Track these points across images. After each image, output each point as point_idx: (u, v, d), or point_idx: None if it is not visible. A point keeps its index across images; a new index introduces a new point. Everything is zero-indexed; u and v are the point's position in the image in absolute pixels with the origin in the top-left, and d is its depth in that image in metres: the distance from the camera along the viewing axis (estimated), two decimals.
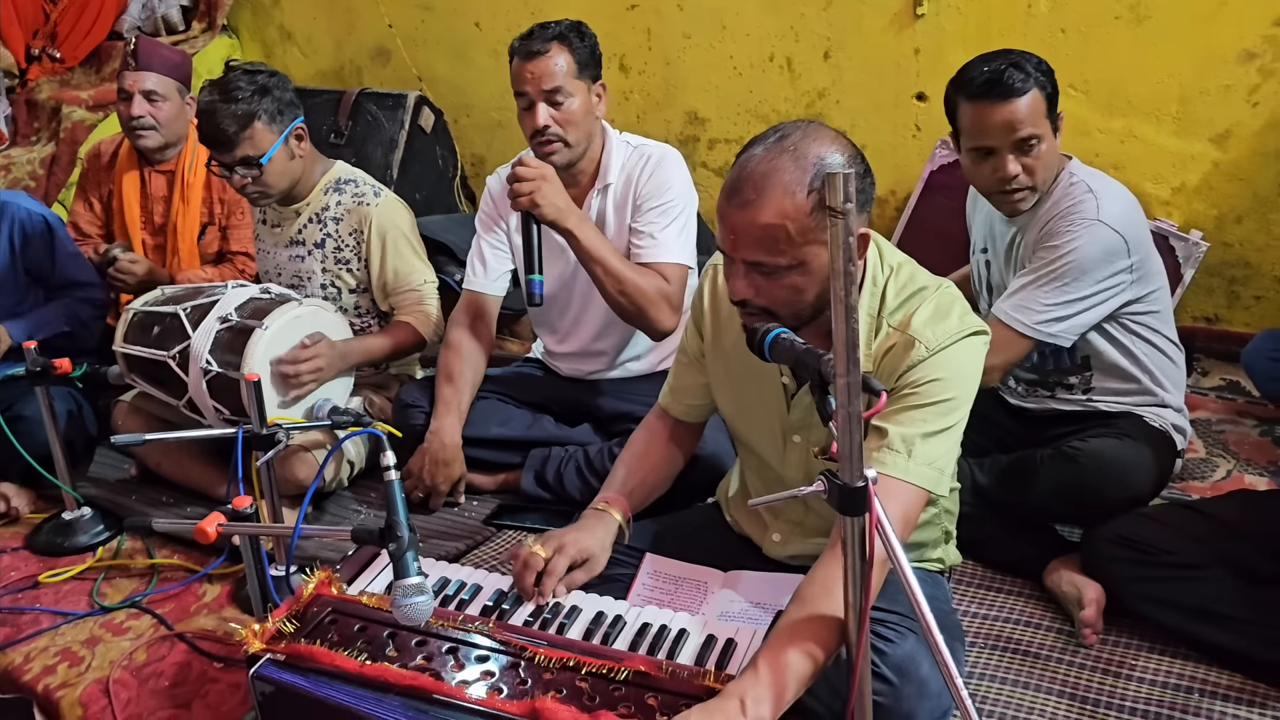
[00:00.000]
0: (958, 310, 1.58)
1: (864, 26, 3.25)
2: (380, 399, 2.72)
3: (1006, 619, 2.01)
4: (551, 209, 2.25)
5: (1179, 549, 1.89)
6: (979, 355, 1.58)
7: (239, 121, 2.44)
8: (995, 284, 2.32)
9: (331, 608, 1.59)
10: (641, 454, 1.93)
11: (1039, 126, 2.03)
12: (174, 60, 3.10)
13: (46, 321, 2.78)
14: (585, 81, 2.36)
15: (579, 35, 2.36)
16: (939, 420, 1.52)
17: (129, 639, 2.16)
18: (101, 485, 2.74)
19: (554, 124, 2.32)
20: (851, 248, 1.13)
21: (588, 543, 1.72)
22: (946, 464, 1.54)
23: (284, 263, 2.73)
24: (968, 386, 1.56)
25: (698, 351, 1.87)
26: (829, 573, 1.40)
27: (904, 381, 1.54)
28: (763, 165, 1.46)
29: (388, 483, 1.51)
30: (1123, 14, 2.88)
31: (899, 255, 1.66)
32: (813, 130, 1.49)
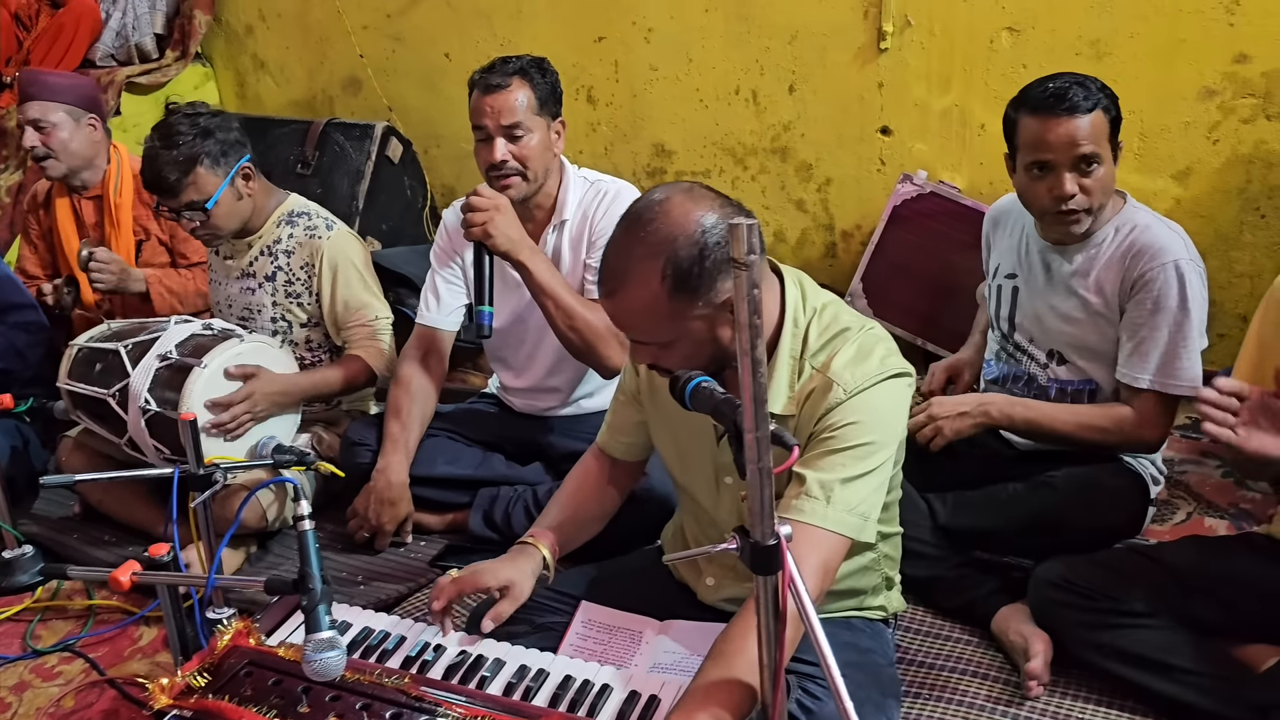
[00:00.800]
0: (879, 352, 1.55)
1: (828, 60, 3.24)
2: (330, 436, 2.68)
3: (953, 669, 1.96)
4: (504, 240, 2.22)
5: (1127, 596, 1.85)
6: (900, 397, 1.56)
7: (180, 168, 2.41)
8: (1025, 312, 2.24)
9: (248, 660, 1.54)
10: (573, 491, 1.90)
11: (1100, 147, 1.99)
12: (59, 85, 3.06)
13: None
14: (545, 118, 2.34)
15: (540, 71, 2.34)
16: (858, 465, 1.49)
17: (58, 684, 2.12)
18: (44, 523, 2.68)
19: (511, 159, 2.30)
20: (756, 300, 1.10)
21: (508, 570, 1.69)
22: (870, 509, 1.51)
23: (235, 295, 2.69)
24: (888, 429, 1.53)
25: (634, 389, 1.84)
26: (744, 627, 1.37)
27: (823, 425, 1.51)
28: (618, 255, 1.49)
29: (300, 533, 1.47)
30: (1083, 50, 2.87)
31: (824, 295, 1.63)
32: (670, 205, 1.45)
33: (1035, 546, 2.13)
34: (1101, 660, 1.85)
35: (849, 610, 1.75)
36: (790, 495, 1.48)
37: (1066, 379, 2.19)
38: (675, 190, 1.49)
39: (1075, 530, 2.08)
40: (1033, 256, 2.22)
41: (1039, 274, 2.20)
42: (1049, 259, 2.18)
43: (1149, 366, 2.04)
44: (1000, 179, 3.10)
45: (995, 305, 2.33)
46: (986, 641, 2.03)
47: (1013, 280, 2.27)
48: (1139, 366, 2.05)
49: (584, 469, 1.94)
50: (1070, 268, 2.14)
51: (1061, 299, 2.15)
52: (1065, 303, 2.14)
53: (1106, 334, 2.11)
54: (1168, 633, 1.82)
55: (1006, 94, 2.95)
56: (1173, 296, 2.02)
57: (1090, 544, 2.04)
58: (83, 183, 3.10)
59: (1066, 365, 2.19)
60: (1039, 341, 2.22)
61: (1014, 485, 2.16)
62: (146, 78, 4.50)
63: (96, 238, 3.11)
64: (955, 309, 3.06)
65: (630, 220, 1.48)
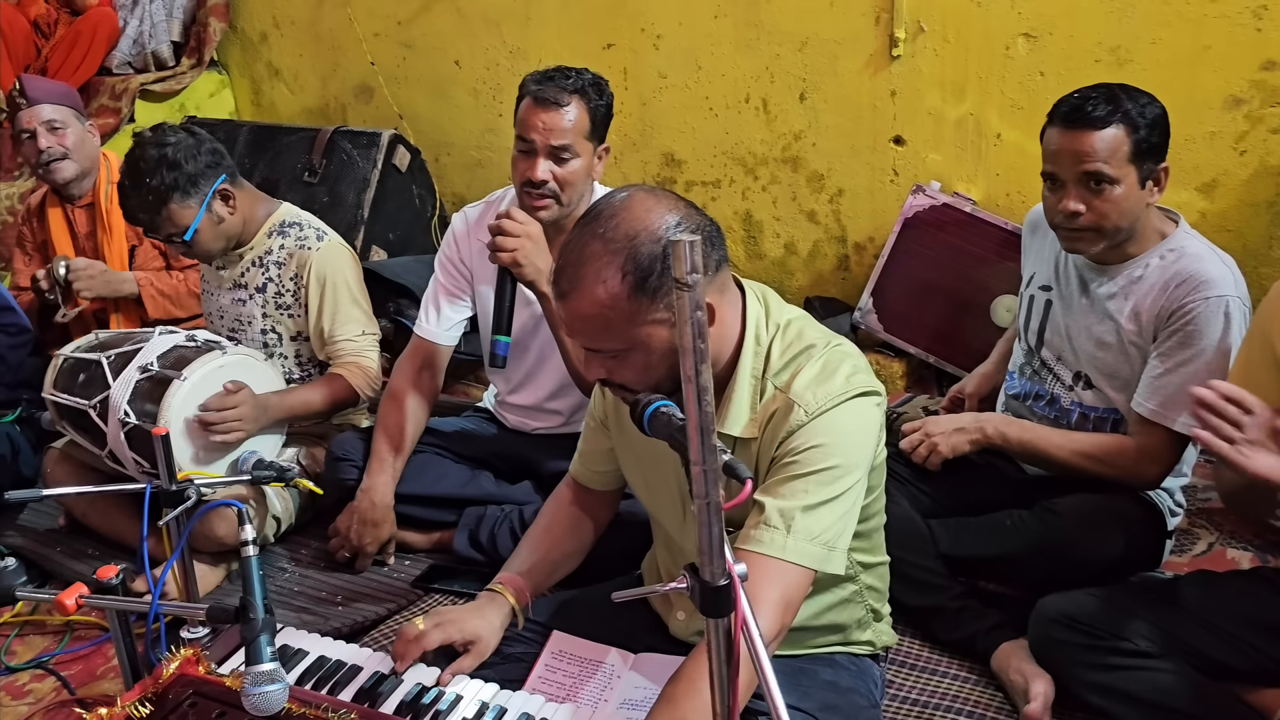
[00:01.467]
0: (845, 370, 1.45)
1: (839, 68, 3.15)
2: (318, 450, 2.61)
3: (948, 708, 1.86)
4: (532, 269, 2.12)
5: (1132, 634, 1.73)
6: (867, 418, 1.46)
7: (151, 208, 2.37)
8: (1056, 328, 2.13)
9: (192, 690, 1.47)
10: (546, 528, 1.81)
11: (1113, 167, 1.87)
12: (61, 90, 3.10)
13: None
14: (593, 142, 2.22)
15: (599, 92, 2.22)
16: (821, 490, 1.39)
17: (27, 703, 2.07)
18: (29, 535, 2.64)
19: (552, 180, 2.17)
20: (701, 321, 1.01)
21: (474, 624, 1.60)
22: (835, 537, 1.40)
23: (226, 306, 2.64)
24: (854, 452, 1.43)
25: (601, 414, 1.76)
26: (696, 669, 1.28)
27: (784, 449, 1.42)
28: (575, 253, 1.38)
29: (244, 559, 1.40)
30: (1103, 57, 2.76)
31: (789, 311, 1.54)
32: (632, 203, 1.38)
33: (1040, 577, 2.02)
34: (1103, 702, 1.74)
35: (833, 646, 1.66)
36: (749, 525, 1.40)
37: (1091, 405, 2.08)
38: (638, 189, 1.41)
39: (1083, 562, 1.96)
40: (1070, 271, 2.11)
41: (1075, 291, 2.09)
42: (1086, 277, 2.07)
43: (1164, 399, 1.92)
44: (1016, 189, 3.00)
45: (1025, 315, 2.22)
46: (985, 679, 1.93)
47: (1047, 293, 2.16)
48: (1155, 398, 1.93)
49: (556, 503, 1.85)
50: (1108, 289, 2.02)
51: (1096, 321, 2.04)
52: (1099, 326, 2.03)
53: (1137, 365, 2.00)
54: (1174, 675, 1.70)
55: (1023, 103, 2.90)
56: (1212, 334, 1.88)
57: (1100, 577, 1.93)
58: (79, 190, 3.08)
59: (1093, 390, 2.08)
60: (1067, 361, 2.11)
61: (1018, 512, 2.06)
62: (162, 85, 4.51)
63: (89, 247, 3.09)
64: (969, 325, 2.95)
65: (589, 218, 1.40)
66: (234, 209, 2.49)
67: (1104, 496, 2.01)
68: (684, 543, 1.64)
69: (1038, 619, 1.83)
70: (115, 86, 4.46)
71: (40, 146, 2.97)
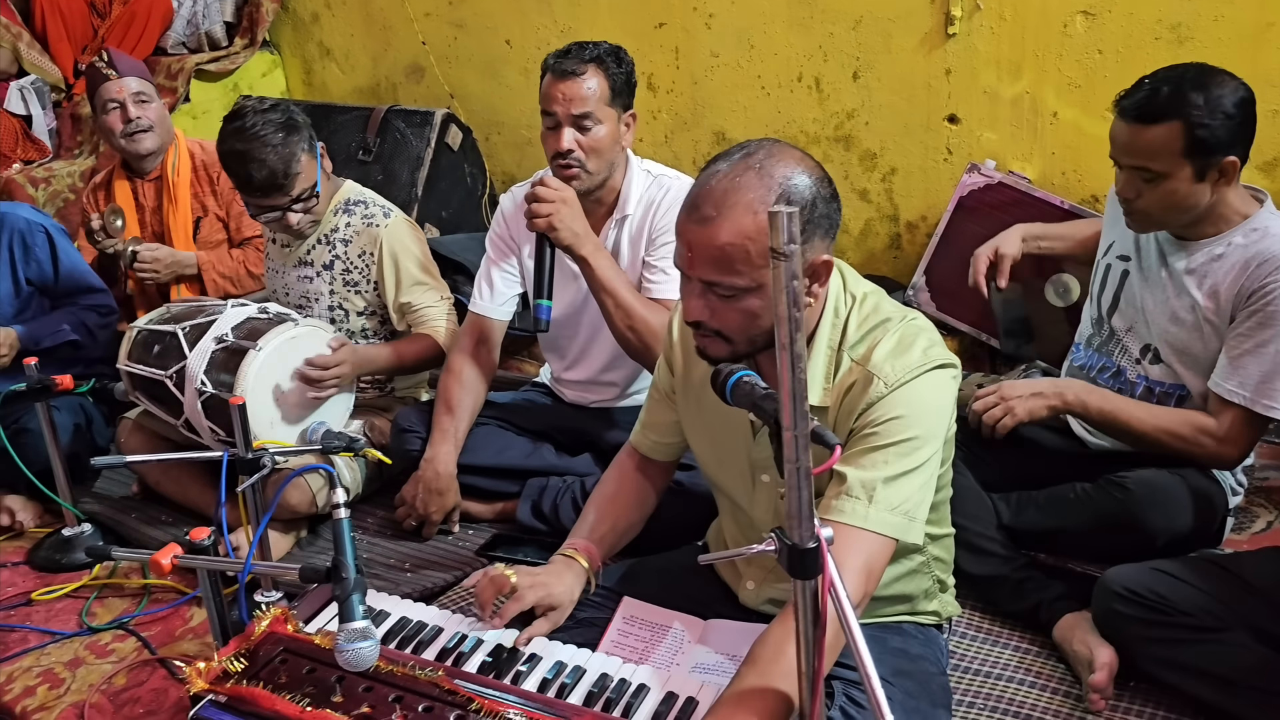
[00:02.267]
0: (921, 343, 1.48)
1: (893, 46, 3.15)
2: (382, 421, 2.68)
3: (1010, 679, 1.89)
4: (568, 233, 2.18)
5: (1199, 609, 1.75)
6: (945, 390, 1.49)
7: (285, 163, 2.41)
8: (1130, 299, 2.14)
9: (284, 647, 1.53)
10: (612, 495, 1.86)
11: (1160, 162, 1.88)
12: (142, 66, 3.21)
13: (53, 330, 2.79)
14: (616, 109, 2.27)
15: (616, 60, 2.27)
16: (901, 462, 1.42)
17: (111, 661, 2.14)
18: (104, 502, 2.73)
19: (578, 149, 2.24)
20: (796, 291, 1.05)
21: (557, 590, 1.65)
22: (915, 508, 1.44)
23: (292, 283, 2.70)
24: (932, 424, 1.46)
25: (669, 387, 1.79)
26: (781, 633, 1.31)
27: (864, 421, 1.45)
28: (725, 182, 1.39)
29: (335, 522, 1.46)
30: (1163, 35, 2.74)
31: (865, 284, 1.57)
32: (779, 149, 1.42)
33: (1102, 551, 2.05)
34: (1168, 675, 1.76)
35: (900, 615, 1.69)
36: (830, 495, 1.43)
37: (1157, 380, 2.09)
38: (777, 142, 1.44)
39: (1148, 537, 1.98)
40: (1150, 244, 2.12)
41: (1154, 264, 2.09)
42: (1166, 251, 2.07)
43: (1246, 381, 1.92)
44: (1073, 168, 2.99)
45: (1099, 285, 2.22)
46: (1047, 650, 1.95)
47: (1125, 263, 2.17)
48: (1234, 379, 1.93)
49: (619, 471, 1.89)
50: (1187, 264, 2.02)
51: (1173, 295, 2.04)
52: (1176, 300, 2.03)
53: (1211, 343, 2.00)
54: (1239, 649, 1.72)
55: (1080, 81, 2.89)
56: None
57: (1163, 552, 1.95)
58: (152, 164, 3.16)
59: (1160, 365, 2.08)
60: (1138, 333, 2.12)
61: (1082, 485, 2.08)
62: (215, 65, 4.58)
63: (155, 221, 3.16)
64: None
65: (742, 153, 1.42)
66: (329, 169, 2.58)
67: (1172, 472, 2.01)
68: (752, 512, 1.67)
69: (1102, 593, 1.85)
70: (170, 66, 4.54)
71: (130, 116, 3.05)
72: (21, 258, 2.80)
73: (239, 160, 2.42)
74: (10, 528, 2.67)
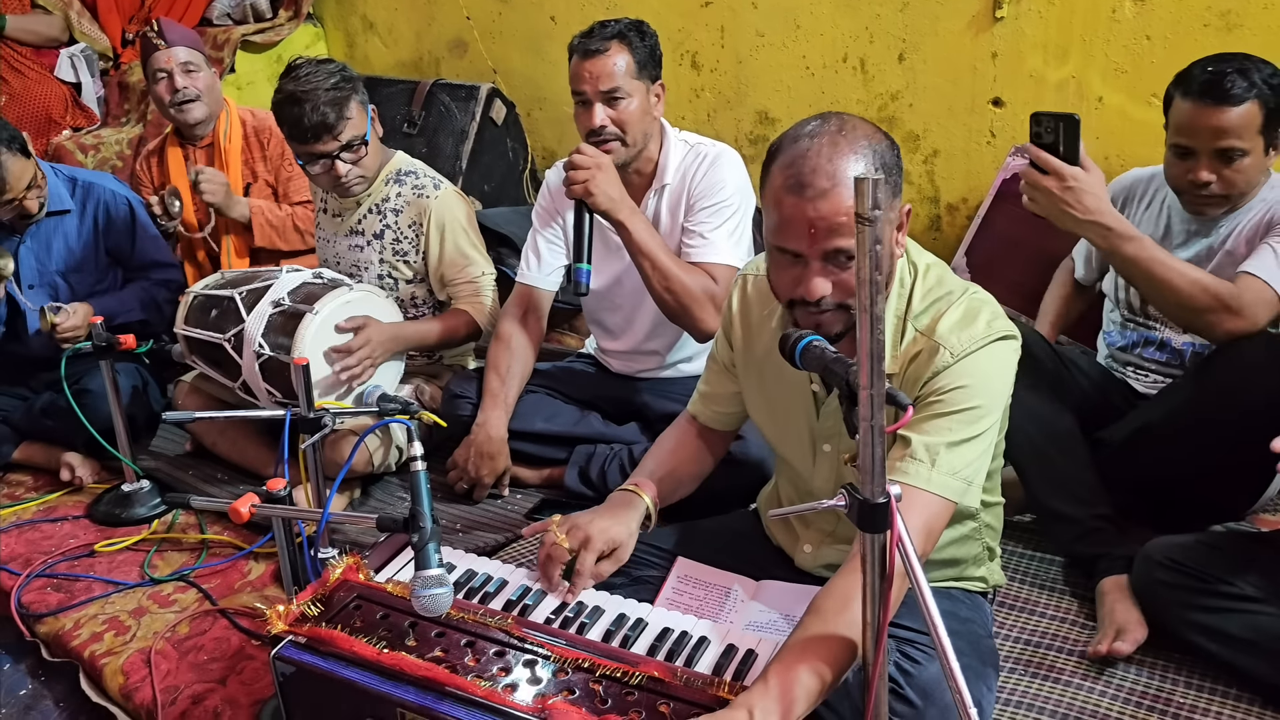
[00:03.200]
0: (985, 315, 1.52)
1: (940, 28, 3.17)
2: (432, 388, 2.74)
3: (1049, 646, 1.94)
4: (605, 199, 2.24)
5: (1238, 579, 1.79)
6: (1007, 360, 1.54)
7: (337, 106, 2.46)
8: None
9: (357, 594, 1.60)
10: (671, 449, 1.91)
11: (1246, 140, 1.99)
12: (194, 35, 3.27)
13: (126, 307, 2.87)
14: (644, 81, 2.34)
15: (639, 34, 2.34)
16: (965, 429, 1.47)
17: (174, 611, 2.22)
18: (161, 459, 2.81)
19: (610, 124, 2.31)
20: (879, 255, 1.09)
21: (615, 531, 1.71)
22: (975, 474, 1.49)
23: (343, 252, 2.76)
24: (995, 393, 1.51)
25: (728, 360, 1.84)
26: (847, 585, 1.36)
27: (929, 389, 1.50)
28: (825, 153, 1.42)
29: (413, 473, 1.52)
30: (1212, 21, 2.76)
31: (928, 256, 1.61)
32: (850, 118, 1.47)
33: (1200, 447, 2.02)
34: (1204, 641, 1.80)
35: (948, 580, 1.74)
36: (894, 457, 1.48)
37: (1205, 341, 2.12)
38: (839, 114, 1.48)
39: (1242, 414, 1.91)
40: (1174, 228, 2.20)
41: (1173, 249, 2.15)
42: (1192, 229, 2.17)
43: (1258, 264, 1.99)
44: (1116, 153, 3.01)
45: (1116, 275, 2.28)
46: (1084, 620, 1.99)
47: None
48: (1258, 262, 2.01)
49: (679, 430, 1.95)
50: (1220, 246, 2.12)
51: (1207, 267, 2.10)
52: (1209, 267, 2.10)
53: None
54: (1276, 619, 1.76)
55: (1127, 66, 2.91)
56: None
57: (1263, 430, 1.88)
58: (202, 132, 3.22)
59: None
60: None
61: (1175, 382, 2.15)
62: (260, 36, 4.63)
63: None
64: None
65: (820, 127, 1.45)
66: (380, 132, 2.63)
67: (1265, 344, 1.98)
68: (813, 482, 1.72)
69: (1143, 560, 1.90)
70: (217, 37, 4.59)
71: (176, 86, 3.10)
72: (105, 228, 2.88)
73: (293, 103, 2.46)
74: (70, 483, 2.75)
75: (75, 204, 2.86)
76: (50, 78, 4.52)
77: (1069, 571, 2.14)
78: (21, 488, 2.79)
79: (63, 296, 2.85)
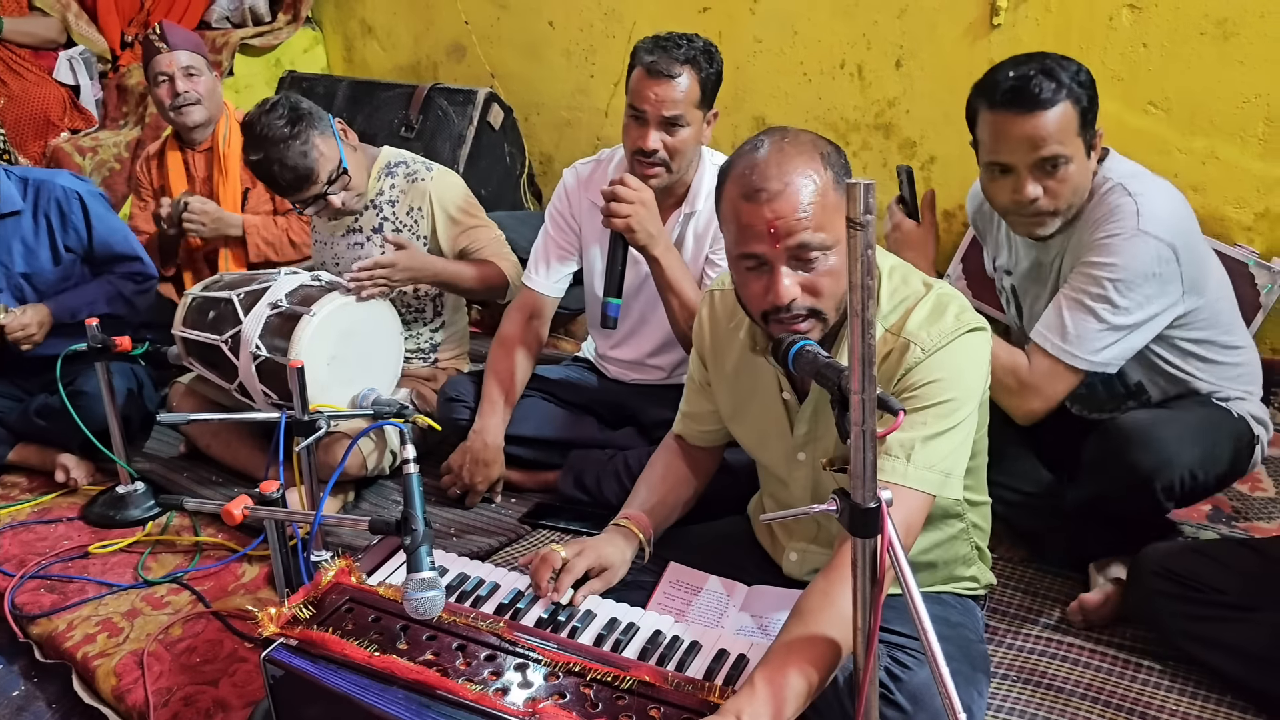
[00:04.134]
0: (953, 309, 1.54)
1: (938, 35, 3.18)
2: (427, 391, 2.74)
3: (1041, 652, 1.94)
4: (644, 235, 2.21)
5: (1231, 588, 1.80)
6: (979, 352, 1.55)
7: (303, 155, 2.45)
8: (1030, 312, 2.14)
9: (349, 597, 1.60)
10: (662, 475, 1.91)
11: (1067, 146, 1.82)
12: (196, 39, 3.27)
13: (88, 301, 2.82)
14: (703, 110, 2.27)
15: (709, 60, 2.25)
16: (939, 422, 1.49)
17: (167, 613, 2.22)
18: (156, 461, 2.81)
19: (663, 149, 2.24)
20: (870, 260, 1.10)
21: (608, 551, 1.70)
22: (953, 465, 1.50)
23: (342, 252, 2.76)
24: (968, 385, 1.52)
25: (703, 379, 1.85)
26: (829, 584, 1.37)
27: (902, 385, 1.51)
28: (773, 159, 1.46)
29: (406, 476, 1.52)
30: (1209, 29, 2.76)
31: (891, 258, 1.64)
32: (790, 130, 1.51)
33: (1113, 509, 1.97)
34: (1202, 652, 1.81)
35: (939, 585, 1.74)
36: None
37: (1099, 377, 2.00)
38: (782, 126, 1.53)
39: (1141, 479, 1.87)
40: (1019, 249, 2.09)
41: (1026, 269, 2.08)
42: (1034, 254, 2.05)
43: (1055, 327, 1.89)
44: None
45: (1008, 308, 2.22)
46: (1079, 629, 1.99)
47: (1010, 276, 2.16)
48: (1048, 324, 1.91)
49: (667, 453, 1.94)
50: (1061, 261, 1.99)
51: (1051, 292, 1.99)
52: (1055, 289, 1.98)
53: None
54: (1267, 627, 1.76)
55: (1124, 74, 2.91)
56: (1106, 264, 1.82)
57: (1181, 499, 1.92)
58: (202, 136, 3.22)
59: None
60: None
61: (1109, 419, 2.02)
62: (259, 40, 4.64)
63: (206, 191, 3.23)
64: None
65: (767, 141, 1.49)
66: (355, 142, 2.63)
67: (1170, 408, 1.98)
68: (791, 488, 1.73)
69: (1138, 571, 1.90)
70: (215, 40, 4.60)
71: (177, 90, 3.11)
72: (59, 226, 2.83)
73: (262, 167, 2.48)
74: (64, 484, 2.75)
75: (27, 204, 2.80)
76: (49, 80, 4.52)
77: (1064, 580, 2.14)
78: (16, 489, 2.79)
79: (29, 298, 2.81)
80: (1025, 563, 2.21)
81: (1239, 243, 2.84)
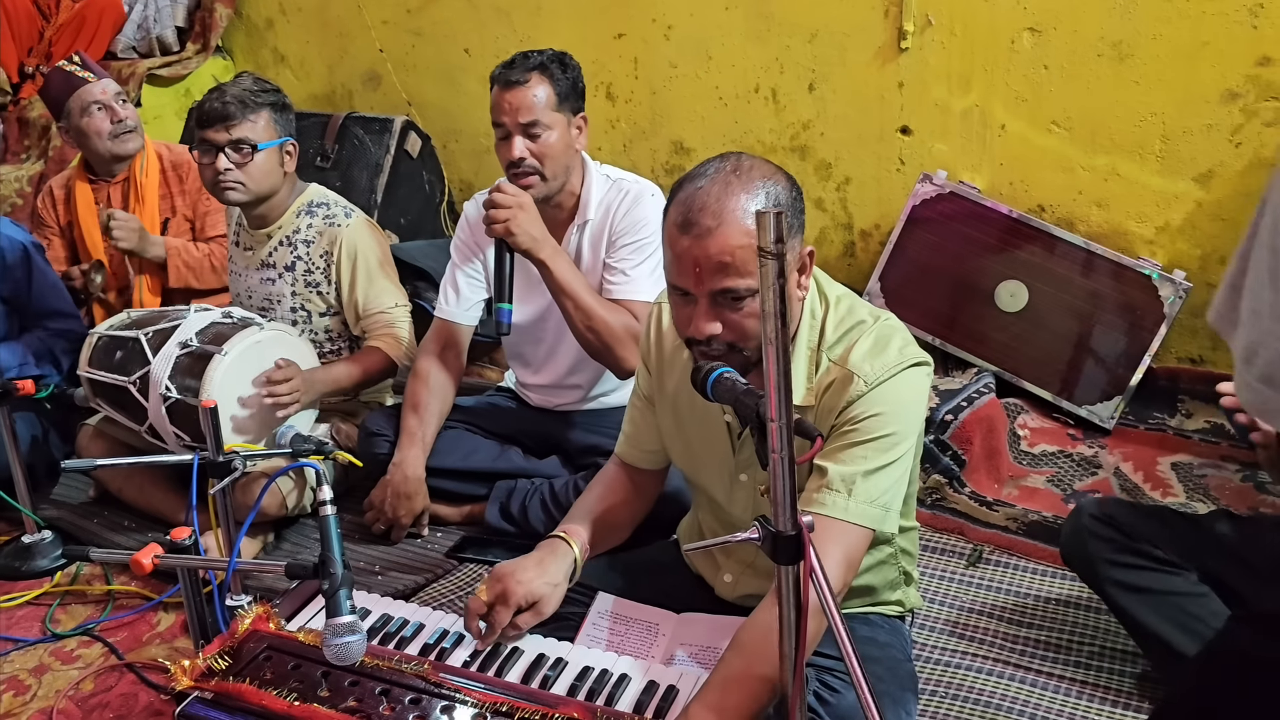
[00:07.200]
0: (896, 342, 1.55)
1: (848, 59, 3.24)
2: (348, 426, 2.68)
3: (969, 667, 1.96)
4: (526, 238, 2.22)
5: (1161, 543, 1.82)
6: (920, 387, 1.56)
7: (243, 105, 2.47)
8: None
9: (267, 644, 1.55)
10: (601, 495, 1.86)
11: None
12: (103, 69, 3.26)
13: (19, 360, 2.75)
14: (565, 114, 2.31)
15: (561, 66, 2.32)
16: (880, 456, 1.49)
17: (78, 668, 2.13)
18: (65, 508, 2.70)
19: (530, 156, 2.28)
20: (783, 289, 1.10)
21: (536, 585, 1.66)
22: (892, 499, 1.51)
23: (255, 285, 2.70)
24: (910, 419, 1.53)
25: (649, 391, 1.83)
26: (769, 619, 1.36)
27: (844, 418, 1.51)
28: (714, 192, 1.44)
29: (322, 518, 1.48)
30: (1105, 52, 2.86)
31: (838, 288, 1.64)
32: (748, 159, 1.49)
33: None
34: (1121, 597, 1.83)
35: (866, 606, 1.75)
36: (811, 488, 1.48)
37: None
38: (743, 154, 1.50)
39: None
40: None
41: None
42: None
43: None
44: (1020, 179, 3.10)
45: None
46: (1003, 641, 2.03)
47: None
48: None
49: (609, 476, 1.90)
50: None
51: None
52: None
53: None
54: (1190, 585, 1.79)
55: (1027, 95, 3.00)
56: None
57: None
58: (121, 167, 3.15)
59: None
60: None
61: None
62: (167, 70, 4.53)
63: None
64: (973, 309, 3.06)
65: (717, 166, 1.47)
66: (289, 170, 2.61)
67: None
68: (731, 510, 1.72)
69: (1076, 513, 1.92)
70: (121, 71, 4.48)
71: (119, 116, 3.08)
72: (1, 274, 2.76)
73: (212, 93, 2.51)
74: None
75: None
76: None
77: (987, 593, 2.18)
78: None
79: None
80: (951, 578, 2.24)
81: (1142, 256, 2.93)
